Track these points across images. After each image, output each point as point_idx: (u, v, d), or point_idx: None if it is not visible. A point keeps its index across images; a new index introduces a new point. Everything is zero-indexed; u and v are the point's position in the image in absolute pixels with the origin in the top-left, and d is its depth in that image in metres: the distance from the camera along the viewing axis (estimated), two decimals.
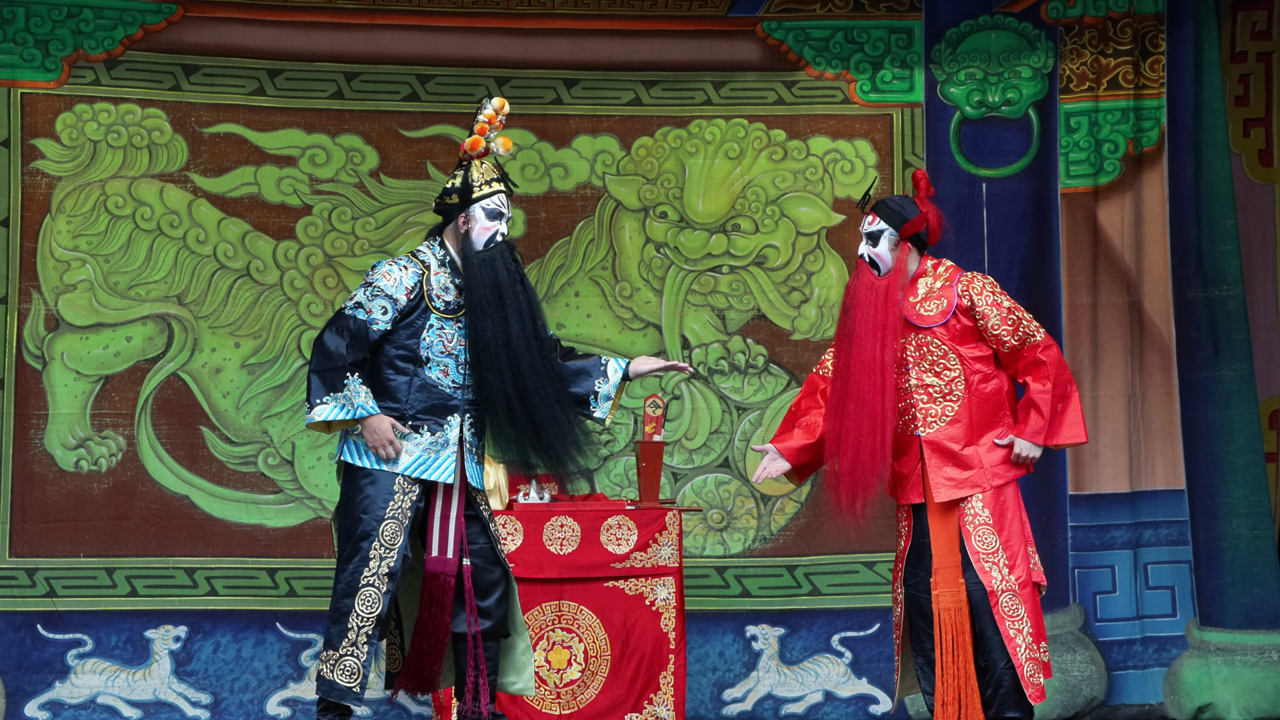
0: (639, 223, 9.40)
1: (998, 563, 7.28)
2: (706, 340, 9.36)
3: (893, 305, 7.36)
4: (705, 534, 9.27)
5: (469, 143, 7.35)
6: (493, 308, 7.17)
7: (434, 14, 9.30)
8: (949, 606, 7.29)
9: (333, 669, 7.09)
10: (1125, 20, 9.30)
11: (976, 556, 7.28)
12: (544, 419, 7.21)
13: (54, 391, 9.01)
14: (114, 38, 9.08)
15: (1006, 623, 7.25)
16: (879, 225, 7.41)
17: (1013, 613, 7.26)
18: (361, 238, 9.23)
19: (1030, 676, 7.25)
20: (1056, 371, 7.37)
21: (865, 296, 7.38)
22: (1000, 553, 7.29)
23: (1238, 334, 9.09)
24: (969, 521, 7.32)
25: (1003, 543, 7.31)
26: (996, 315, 7.35)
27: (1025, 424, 7.36)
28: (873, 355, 7.33)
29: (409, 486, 7.18)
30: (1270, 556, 9.02)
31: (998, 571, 7.27)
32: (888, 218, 7.41)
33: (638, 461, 8.32)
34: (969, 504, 7.32)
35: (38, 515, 8.96)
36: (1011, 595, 7.27)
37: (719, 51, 9.42)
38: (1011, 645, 7.24)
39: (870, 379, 7.31)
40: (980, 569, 7.27)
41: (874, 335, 7.34)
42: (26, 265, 9.02)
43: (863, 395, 7.31)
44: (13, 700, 8.81)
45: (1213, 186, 9.13)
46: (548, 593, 8.15)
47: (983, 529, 7.31)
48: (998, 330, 7.34)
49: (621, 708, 8.15)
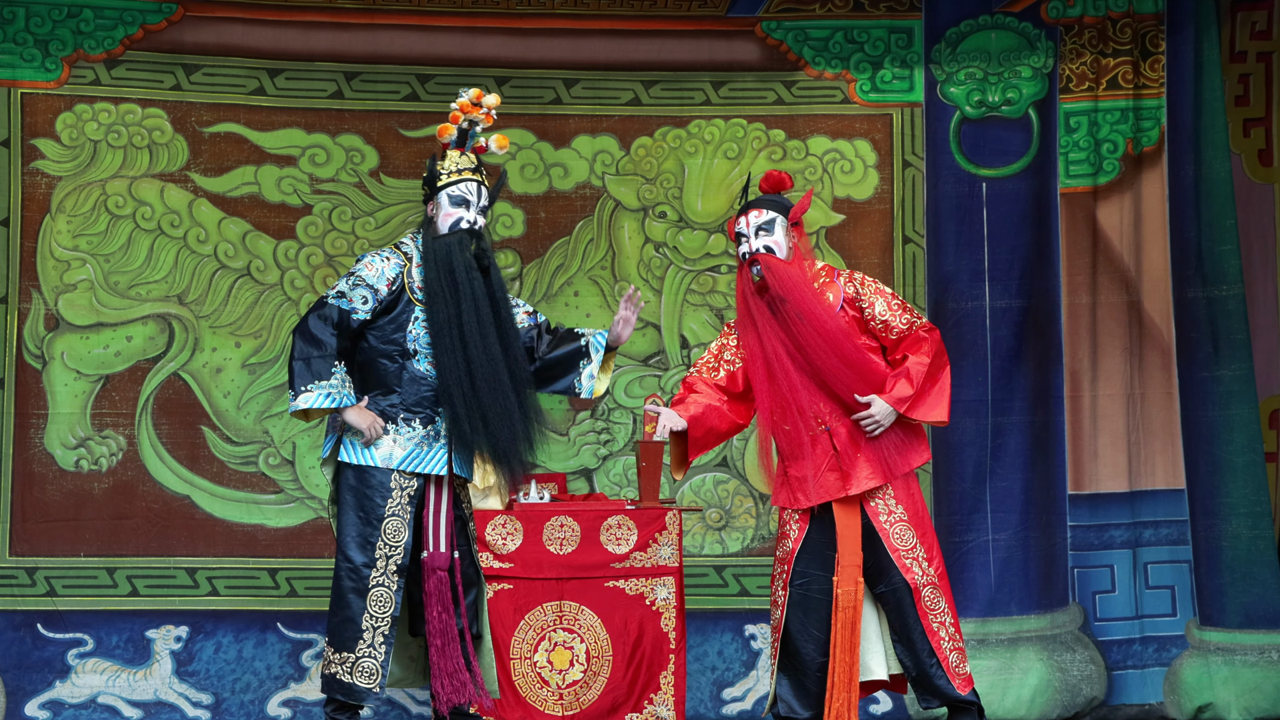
0: (638, 222, 9.40)
1: (918, 558, 7.32)
2: (705, 340, 9.36)
3: (817, 287, 7.40)
4: (704, 533, 9.28)
5: (439, 129, 7.39)
6: (446, 293, 7.19)
7: (434, 14, 9.30)
8: (849, 605, 7.29)
9: (350, 671, 7.12)
10: (1125, 20, 9.31)
11: (897, 554, 7.30)
12: (490, 409, 7.19)
13: (54, 391, 9.01)
14: (114, 37, 9.07)
15: (929, 616, 7.30)
16: (768, 215, 7.43)
17: (934, 606, 7.32)
18: (361, 237, 9.23)
19: (955, 667, 7.31)
20: (935, 350, 7.39)
21: (795, 280, 7.35)
22: (918, 547, 7.33)
23: (1237, 334, 9.09)
24: (884, 520, 7.34)
25: (919, 537, 7.34)
26: (883, 301, 7.39)
27: (890, 390, 7.34)
28: (835, 324, 7.32)
29: (405, 481, 7.19)
30: (1270, 556, 9.03)
31: (918, 566, 7.30)
32: (773, 207, 7.45)
33: (638, 461, 8.32)
34: (882, 501, 7.35)
35: (38, 515, 8.95)
36: (932, 589, 7.32)
37: (718, 51, 9.43)
38: (935, 638, 7.29)
39: (841, 346, 7.30)
40: (902, 566, 7.30)
41: (823, 307, 7.33)
42: (26, 265, 9.01)
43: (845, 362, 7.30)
44: (13, 699, 8.81)
45: (1212, 186, 9.14)
46: (548, 593, 8.14)
47: (899, 526, 7.34)
48: (885, 315, 7.37)
49: (622, 708, 8.15)
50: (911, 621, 7.31)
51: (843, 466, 7.34)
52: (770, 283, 7.37)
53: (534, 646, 8.12)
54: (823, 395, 7.36)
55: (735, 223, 7.50)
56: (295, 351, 7.12)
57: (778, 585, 7.47)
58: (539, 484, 8.44)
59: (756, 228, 7.42)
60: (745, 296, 7.47)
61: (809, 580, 7.38)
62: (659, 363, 9.36)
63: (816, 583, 7.37)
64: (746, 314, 7.47)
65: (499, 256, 9.20)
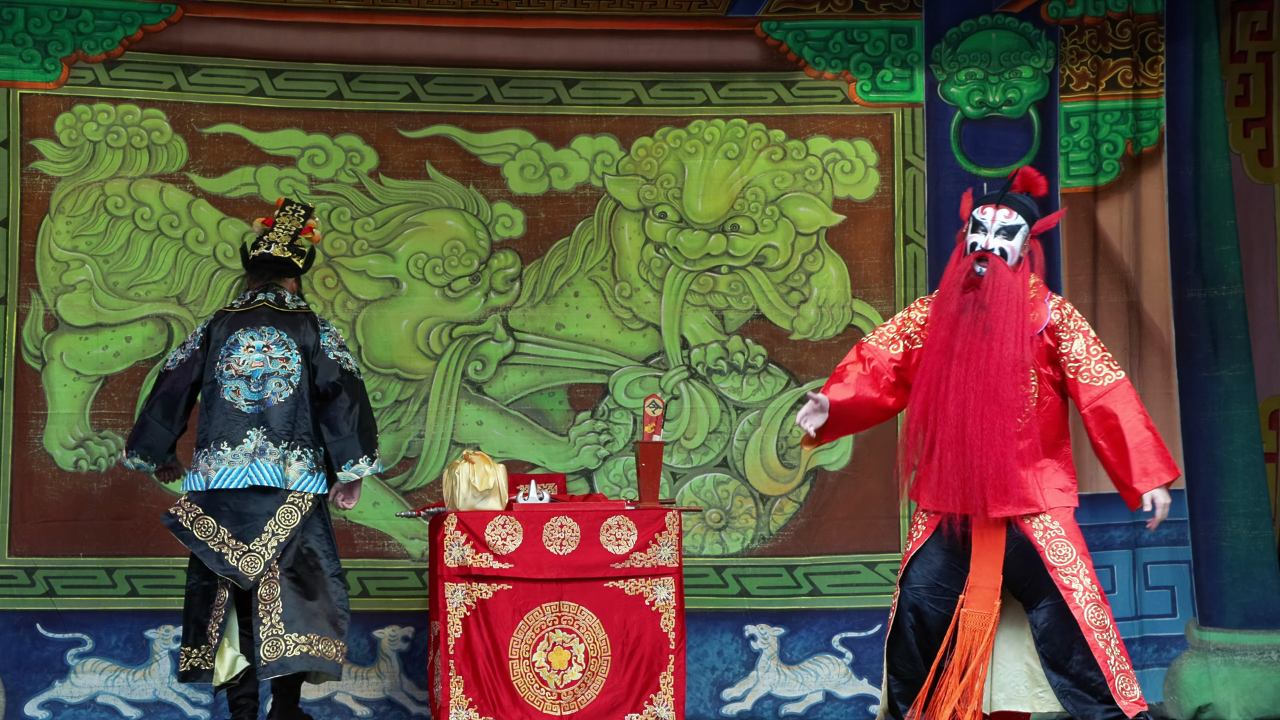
0: (638, 223, 9.40)
1: (1077, 574, 6.98)
2: (705, 340, 9.36)
3: (1028, 307, 7.12)
4: (704, 533, 9.28)
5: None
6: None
7: (433, 14, 9.30)
8: (975, 628, 7.01)
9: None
10: (1125, 20, 9.31)
11: (1054, 570, 6.98)
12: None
13: (53, 392, 9.01)
14: (113, 38, 9.08)
15: (1095, 635, 6.94)
16: (1017, 220, 7.16)
17: (1099, 624, 6.96)
18: (361, 238, 9.23)
19: (1123, 690, 6.94)
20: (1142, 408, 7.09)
21: (1010, 298, 7.05)
22: (1079, 562, 7.00)
23: (1237, 334, 9.08)
24: (1040, 536, 7.03)
25: (1079, 553, 7.03)
26: (1082, 341, 7.11)
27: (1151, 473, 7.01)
28: (1015, 354, 7.00)
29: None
30: (1270, 556, 9.02)
31: (1078, 583, 6.97)
32: (1025, 213, 7.18)
33: (637, 461, 8.32)
34: (1038, 518, 7.06)
35: (37, 515, 8.96)
36: (1096, 606, 6.98)
37: (718, 52, 9.42)
38: (1102, 658, 6.93)
39: (1012, 378, 6.98)
40: (1060, 582, 6.96)
41: (1016, 336, 7.03)
42: (26, 266, 9.02)
43: (1002, 395, 6.98)
44: (12, 699, 8.81)
45: (1212, 186, 9.13)
46: (548, 593, 8.14)
47: (1056, 541, 7.02)
48: (1080, 356, 7.09)
49: (622, 708, 8.15)
50: (1074, 641, 6.94)
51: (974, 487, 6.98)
52: (985, 285, 7.08)
53: (533, 647, 8.12)
54: (981, 411, 7.02)
55: (975, 204, 7.25)
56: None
57: (898, 583, 7.22)
58: (539, 484, 8.44)
59: (1001, 227, 7.13)
60: (953, 284, 7.18)
61: (923, 588, 7.12)
62: (659, 363, 9.36)
63: (932, 592, 7.11)
64: (947, 302, 7.17)
65: (500, 257, 9.25)
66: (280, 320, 8.16)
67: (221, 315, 8.21)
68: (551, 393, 9.33)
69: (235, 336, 8.12)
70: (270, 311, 8.18)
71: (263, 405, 8.06)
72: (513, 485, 8.42)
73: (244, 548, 7.99)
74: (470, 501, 8.20)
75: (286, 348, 8.12)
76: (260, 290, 8.24)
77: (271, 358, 8.09)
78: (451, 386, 9.27)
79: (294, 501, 8.05)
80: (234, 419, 8.04)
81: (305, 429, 8.09)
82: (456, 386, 9.28)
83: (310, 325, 8.18)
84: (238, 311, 8.20)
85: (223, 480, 8.01)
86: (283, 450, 8.04)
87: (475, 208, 9.31)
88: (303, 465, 8.07)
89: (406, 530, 9.16)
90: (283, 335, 8.13)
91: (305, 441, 8.09)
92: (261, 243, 8.29)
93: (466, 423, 9.26)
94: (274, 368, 8.07)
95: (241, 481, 7.99)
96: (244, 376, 8.06)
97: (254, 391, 8.07)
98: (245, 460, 8.01)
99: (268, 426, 8.03)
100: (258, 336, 8.11)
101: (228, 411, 8.05)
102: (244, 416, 8.04)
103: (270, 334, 8.12)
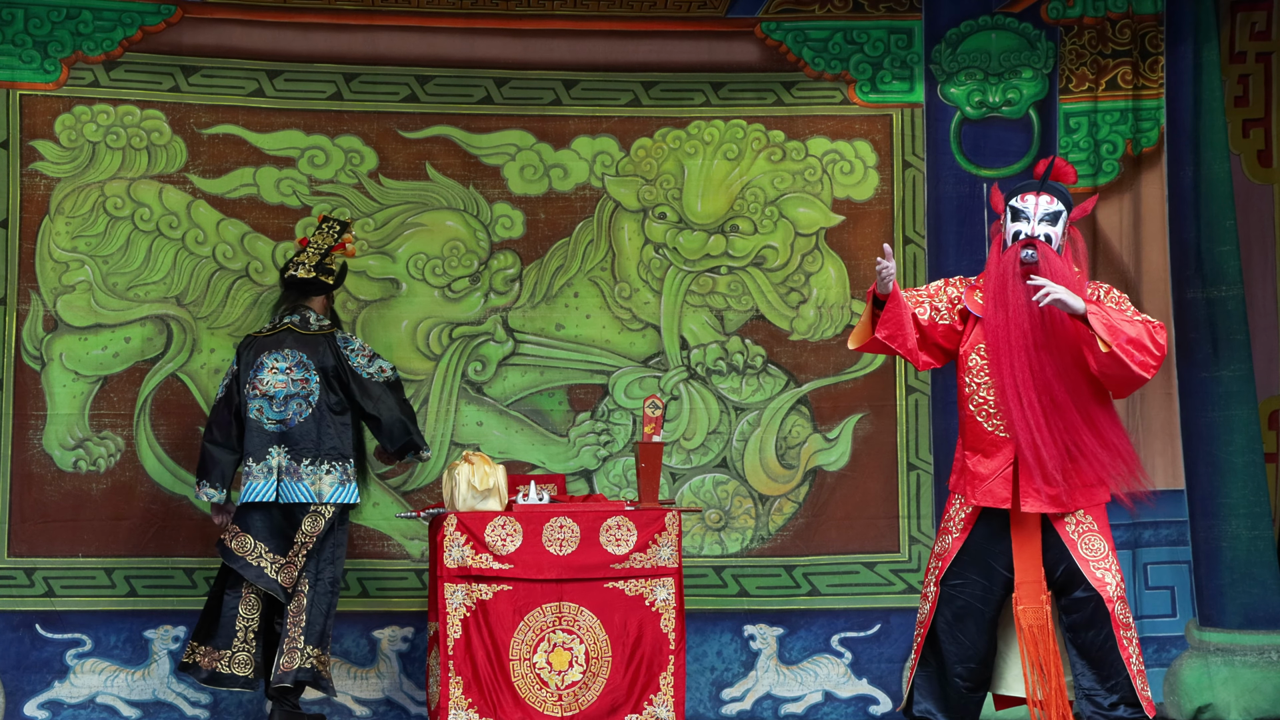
0: (638, 223, 9.40)
1: (1109, 568, 7.00)
2: (705, 341, 9.36)
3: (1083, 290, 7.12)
4: (703, 534, 9.27)
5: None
6: None
7: (433, 15, 9.29)
8: (1034, 623, 7.01)
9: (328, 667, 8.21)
10: (1124, 21, 9.30)
11: (1086, 564, 7.00)
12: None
13: (52, 392, 9.00)
14: (113, 39, 9.07)
15: (1122, 631, 6.97)
16: (1059, 207, 7.19)
17: (1126, 621, 6.99)
18: (360, 239, 9.22)
19: (1141, 690, 6.97)
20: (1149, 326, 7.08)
21: (1061, 280, 7.07)
22: (1110, 557, 7.02)
23: (1237, 334, 9.09)
24: (1072, 530, 7.05)
25: (1111, 547, 7.04)
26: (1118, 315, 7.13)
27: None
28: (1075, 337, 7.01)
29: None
30: (1270, 557, 9.02)
31: (1111, 577, 6.99)
32: (1064, 200, 7.20)
33: (637, 462, 8.32)
34: (1072, 513, 7.06)
35: (36, 515, 8.95)
36: (1122, 604, 7.01)
37: (718, 52, 9.42)
38: (1126, 655, 6.97)
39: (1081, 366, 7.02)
40: (1092, 576, 6.98)
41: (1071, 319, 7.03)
42: (25, 266, 9.01)
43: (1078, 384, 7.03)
44: (12, 700, 8.81)
45: (1212, 187, 9.13)
46: (548, 594, 8.14)
47: (1088, 535, 7.05)
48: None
49: (622, 708, 8.14)
50: (1105, 636, 6.97)
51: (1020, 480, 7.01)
52: (1042, 272, 7.10)
53: (533, 647, 8.12)
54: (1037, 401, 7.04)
55: (1012, 192, 7.25)
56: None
57: (930, 580, 7.21)
58: (539, 485, 8.44)
59: (1044, 214, 7.17)
60: (1005, 276, 7.18)
61: (965, 585, 7.12)
62: (659, 364, 9.35)
63: (974, 588, 7.10)
64: (1001, 292, 7.17)
65: (499, 257, 9.25)
66: (302, 343, 8.54)
67: (252, 340, 8.59)
68: (551, 393, 9.33)
69: (261, 359, 8.50)
70: (294, 335, 8.56)
71: (285, 425, 8.44)
72: (512, 486, 8.43)
73: (280, 560, 8.39)
74: (470, 502, 8.20)
75: (306, 369, 8.50)
76: (287, 312, 8.63)
77: (293, 380, 8.49)
78: (451, 387, 9.27)
79: (320, 510, 8.41)
80: (259, 437, 8.43)
81: (332, 443, 8.46)
82: (456, 387, 9.28)
83: (329, 347, 8.55)
84: (265, 335, 8.58)
85: (250, 494, 8.40)
86: (312, 466, 8.41)
87: (475, 208, 9.31)
88: (333, 479, 8.43)
89: (406, 531, 9.16)
90: (303, 357, 8.51)
91: (334, 455, 8.46)
92: (291, 264, 8.63)
93: (466, 423, 9.26)
94: (295, 389, 8.47)
95: (268, 496, 8.38)
96: (268, 397, 8.46)
97: (277, 411, 8.44)
98: (269, 476, 8.38)
99: (290, 444, 8.41)
100: (281, 359, 8.50)
101: (254, 430, 8.43)
102: (267, 435, 8.43)
103: (292, 356, 8.51)
